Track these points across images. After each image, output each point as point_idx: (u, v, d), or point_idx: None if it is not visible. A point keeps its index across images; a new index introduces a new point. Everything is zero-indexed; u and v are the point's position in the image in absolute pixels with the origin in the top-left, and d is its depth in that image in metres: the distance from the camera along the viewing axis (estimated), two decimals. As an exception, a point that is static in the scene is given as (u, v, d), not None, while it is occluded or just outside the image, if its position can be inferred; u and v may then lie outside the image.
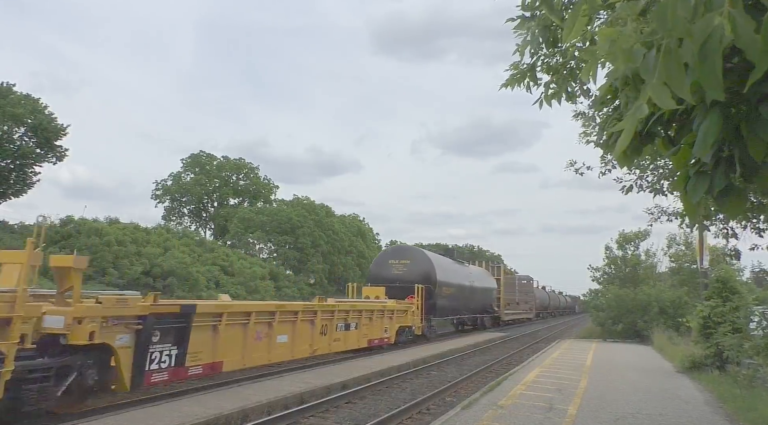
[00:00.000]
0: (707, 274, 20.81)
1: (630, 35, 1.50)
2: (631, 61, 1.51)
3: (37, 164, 37.35)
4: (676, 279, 32.80)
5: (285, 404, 10.00)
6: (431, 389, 12.56)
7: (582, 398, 10.76)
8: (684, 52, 1.33)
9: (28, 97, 36.85)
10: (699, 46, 1.29)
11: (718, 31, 1.26)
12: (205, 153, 64.66)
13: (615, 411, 9.61)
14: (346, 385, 12.09)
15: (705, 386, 12.97)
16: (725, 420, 9.42)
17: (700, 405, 10.57)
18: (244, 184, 64.83)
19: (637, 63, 1.49)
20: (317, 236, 60.70)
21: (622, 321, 28.08)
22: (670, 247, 35.11)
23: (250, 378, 12.22)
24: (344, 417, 9.62)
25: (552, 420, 8.66)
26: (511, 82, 3.85)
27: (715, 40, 1.27)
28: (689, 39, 1.31)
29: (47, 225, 40.90)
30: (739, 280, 18.49)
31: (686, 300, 26.85)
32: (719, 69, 1.30)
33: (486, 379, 14.31)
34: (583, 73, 1.90)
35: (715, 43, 1.27)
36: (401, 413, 9.76)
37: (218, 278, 43.78)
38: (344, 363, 15.39)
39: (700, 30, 1.28)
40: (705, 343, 15.31)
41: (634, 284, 32.54)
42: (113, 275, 34.37)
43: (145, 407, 8.97)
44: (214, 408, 8.92)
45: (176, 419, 8.12)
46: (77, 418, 8.14)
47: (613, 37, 1.54)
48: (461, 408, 9.39)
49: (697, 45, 1.29)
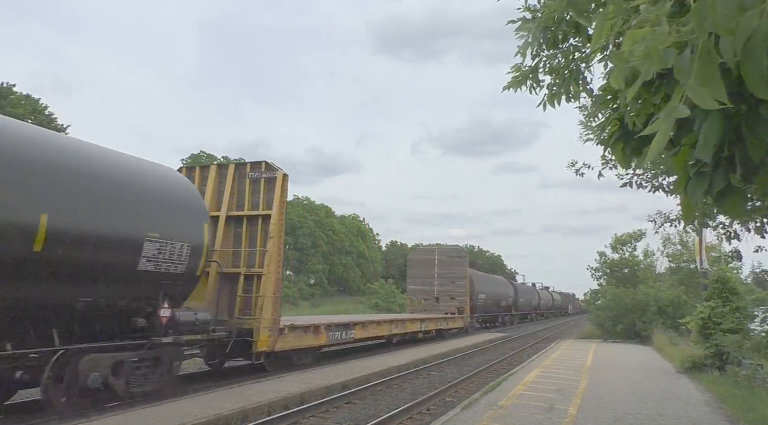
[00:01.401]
0: (707, 274, 20.81)
1: (665, 35, 1.47)
2: (663, 64, 1.47)
3: (37, 164, 37.33)
4: (675, 279, 32.82)
5: (285, 404, 10.00)
6: (431, 389, 12.56)
7: (582, 398, 10.77)
8: (723, 51, 1.31)
9: (28, 97, 36.88)
10: (743, 43, 1.27)
11: (762, 29, 1.25)
12: (206, 153, 64.63)
13: (615, 411, 9.61)
14: (346, 385, 12.09)
15: (705, 386, 12.97)
16: (725, 420, 9.42)
17: (700, 406, 10.57)
18: (245, 184, 64.70)
19: (668, 64, 1.46)
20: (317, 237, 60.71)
21: (622, 321, 28.06)
22: (665, 247, 35.19)
23: (250, 378, 12.22)
24: (344, 418, 9.62)
25: (552, 421, 8.67)
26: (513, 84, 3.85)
27: (759, 38, 1.25)
28: (730, 38, 1.29)
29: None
30: (738, 280, 18.48)
31: (685, 300, 26.83)
32: (764, 67, 1.28)
33: (486, 379, 14.31)
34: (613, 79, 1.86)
35: (760, 40, 1.26)
36: (401, 413, 9.76)
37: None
38: (344, 364, 15.40)
39: (744, 26, 1.26)
40: (705, 343, 15.31)
41: (632, 284, 32.55)
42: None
43: (145, 407, 8.97)
44: (214, 408, 8.92)
45: (176, 419, 8.12)
46: (77, 418, 8.14)
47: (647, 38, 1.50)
48: (461, 409, 9.40)
49: (741, 42, 1.27)
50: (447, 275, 30.66)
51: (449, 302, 30.12)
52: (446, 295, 30.37)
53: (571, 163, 10.60)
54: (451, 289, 30.39)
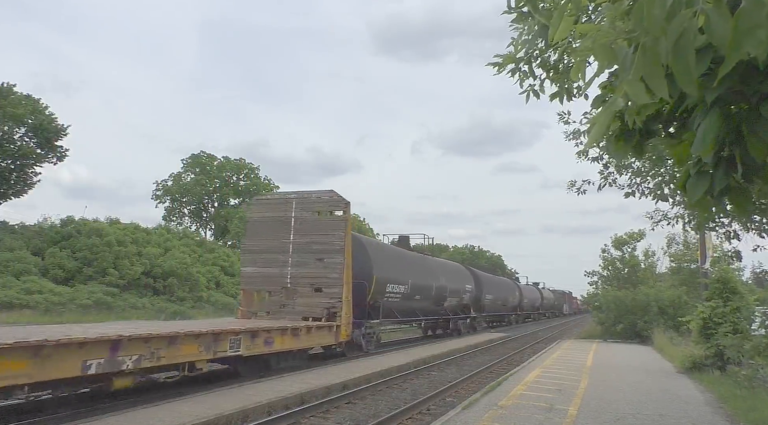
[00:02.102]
0: (707, 274, 20.79)
1: (607, 31, 1.56)
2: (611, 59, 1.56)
3: (38, 164, 37.38)
4: (676, 279, 32.80)
5: (285, 404, 9.99)
6: (431, 389, 12.55)
7: (582, 398, 10.76)
8: (661, 49, 1.39)
9: (28, 97, 36.88)
10: (673, 43, 1.36)
11: (691, 29, 1.33)
12: (206, 153, 64.66)
13: (615, 412, 9.60)
14: (347, 385, 12.08)
15: (705, 386, 12.96)
16: (726, 420, 9.41)
17: (700, 406, 10.56)
18: (245, 184, 64.73)
19: (617, 61, 1.54)
20: (317, 237, 60.44)
21: (622, 321, 28.06)
22: (669, 246, 35.19)
23: (250, 378, 12.22)
24: (345, 418, 9.61)
25: (552, 421, 8.66)
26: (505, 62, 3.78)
27: (689, 37, 1.34)
28: (664, 37, 1.37)
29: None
30: (739, 280, 18.46)
31: (686, 300, 26.82)
32: (692, 65, 1.36)
33: (486, 379, 14.30)
34: (573, 73, 1.92)
35: (688, 40, 1.34)
36: (401, 413, 9.76)
37: (219, 279, 43.76)
38: (344, 363, 15.39)
39: (674, 28, 1.34)
40: (705, 344, 15.30)
41: (633, 285, 32.53)
42: (114, 276, 34.35)
43: (145, 407, 8.97)
44: (214, 408, 8.91)
45: (176, 419, 8.11)
46: (77, 418, 8.14)
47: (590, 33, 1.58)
48: (462, 409, 9.39)
49: (671, 42, 1.36)
50: (310, 247, 16.53)
51: (311, 298, 16.27)
52: (307, 283, 16.41)
53: (570, 183, 10.67)
54: (315, 273, 16.37)
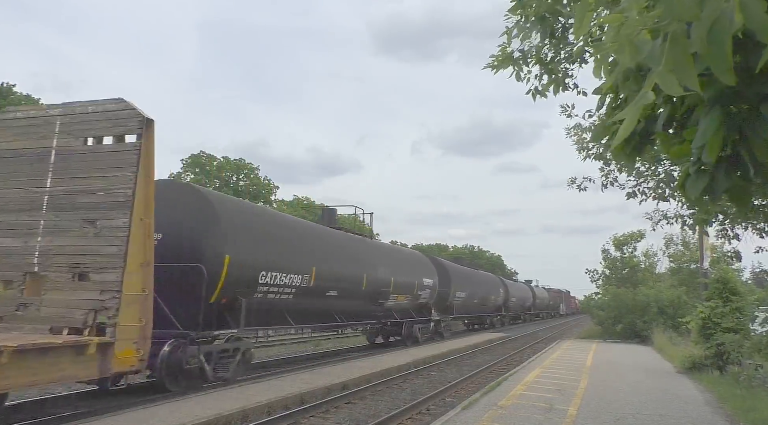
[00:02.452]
0: (707, 274, 20.80)
1: (635, 21, 1.46)
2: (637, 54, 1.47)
3: (38, 164, 37.31)
4: (676, 279, 32.84)
5: (285, 404, 9.99)
6: (431, 389, 12.55)
7: (582, 398, 10.76)
8: (692, 38, 1.31)
9: (28, 97, 36.85)
10: (707, 29, 1.27)
11: (727, 14, 1.24)
12: (206, 153, 64.62)
13: (615, 412, 9.61)
14: (347, 385, 12.08)
15: (705, 386, 12.96)
16: (725, 420, 9.41)
17: (700, 406, 10.56)
18: (245, 184, 64.71)
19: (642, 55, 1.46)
20: (317, 237, 60.49)
21: (622, 321, 28.07)
22: (668, 247, 35.25)
23: (250, 378, 12.22)
24: (344, 418, 9.61)
25: (552, 421, 8.66)
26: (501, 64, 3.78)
27: (724, 23, 1.25)
28: (696, 23, 1.28)
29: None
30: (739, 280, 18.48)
31: (685, 300, 26.84)
32: (729, 52, 1.27)
33: (486, 379, 14.30)
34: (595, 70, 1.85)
35: (724, 26, 1.25)
36: (401, 413, 9.76)
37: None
38: (344, 364, 15.39)
39: (709, 13, 1.26)
40: (705, 344, 15.31)
41: (633, 285, 32.55)
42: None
43: (145, 407, 8.96)
44: (214, 408, 8.91)
45: (176, 419, 8.11)
46: (77, 418, 8.14)
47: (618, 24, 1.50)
48: (461, 409, 9.39)
49: (705, 28, 1.27)
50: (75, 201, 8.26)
51: (72, 292, 7.93)
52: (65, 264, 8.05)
53: (571, 180, 10.63)
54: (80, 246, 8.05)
